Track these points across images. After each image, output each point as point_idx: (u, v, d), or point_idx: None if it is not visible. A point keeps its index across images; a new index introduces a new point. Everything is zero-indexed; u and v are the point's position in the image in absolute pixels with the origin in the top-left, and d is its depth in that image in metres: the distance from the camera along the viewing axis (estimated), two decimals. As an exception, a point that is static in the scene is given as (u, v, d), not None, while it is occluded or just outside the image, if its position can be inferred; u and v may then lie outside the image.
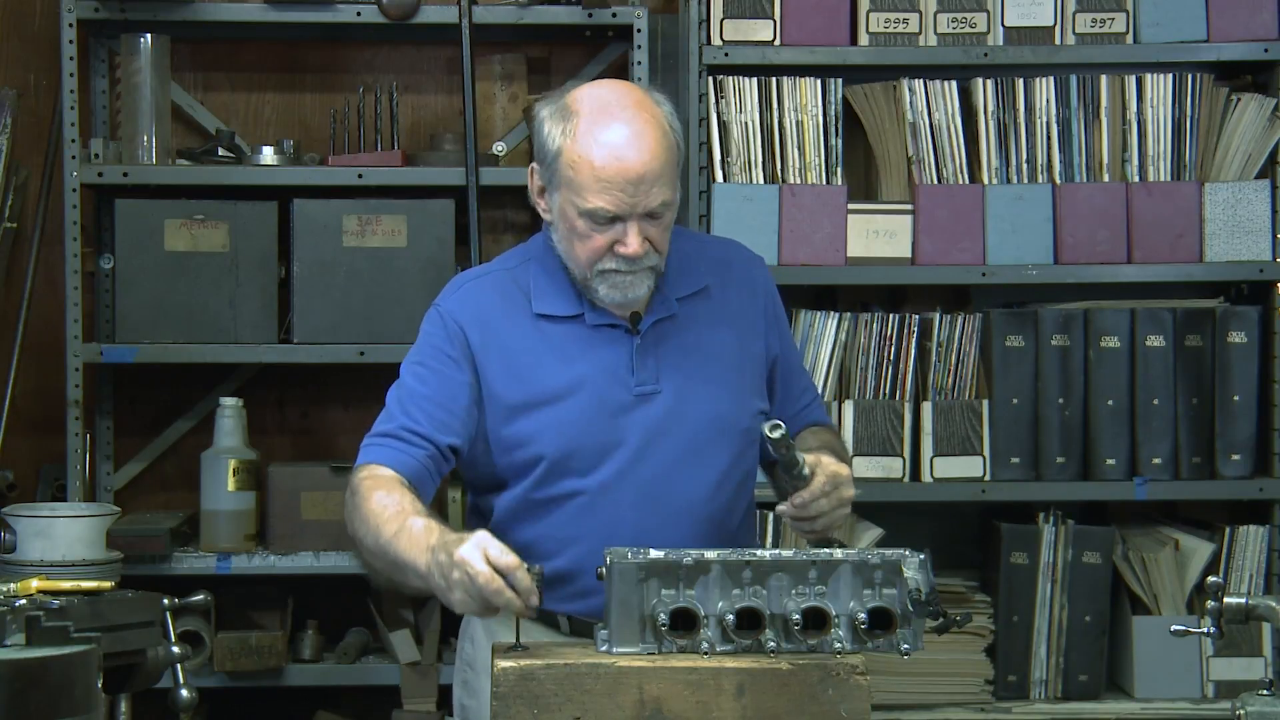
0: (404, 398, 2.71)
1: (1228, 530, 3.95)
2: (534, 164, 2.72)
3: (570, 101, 2.66)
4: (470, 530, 2.81)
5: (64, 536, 3.51)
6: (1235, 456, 3.96)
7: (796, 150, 3.93)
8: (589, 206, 2.61)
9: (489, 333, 2.72)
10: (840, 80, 3.95)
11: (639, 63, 4.06)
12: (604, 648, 2.35)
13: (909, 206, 3.96)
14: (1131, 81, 3.97)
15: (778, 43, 3.95)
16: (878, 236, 3.94)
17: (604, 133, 2.60)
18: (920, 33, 3.97)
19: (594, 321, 2.72)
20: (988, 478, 3.95)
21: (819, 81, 3.93)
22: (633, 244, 2.61)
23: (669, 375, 2.73)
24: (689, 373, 2.74)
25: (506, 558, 2.36)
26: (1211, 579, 2.43)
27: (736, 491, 2.78)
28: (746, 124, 3.92)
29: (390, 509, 2.56)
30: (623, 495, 2.69)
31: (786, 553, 2.37)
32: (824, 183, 3.94)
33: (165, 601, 2.62)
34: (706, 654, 2.34)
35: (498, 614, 2.43)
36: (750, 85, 3.92)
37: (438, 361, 2.71)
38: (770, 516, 3.86)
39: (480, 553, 2.36)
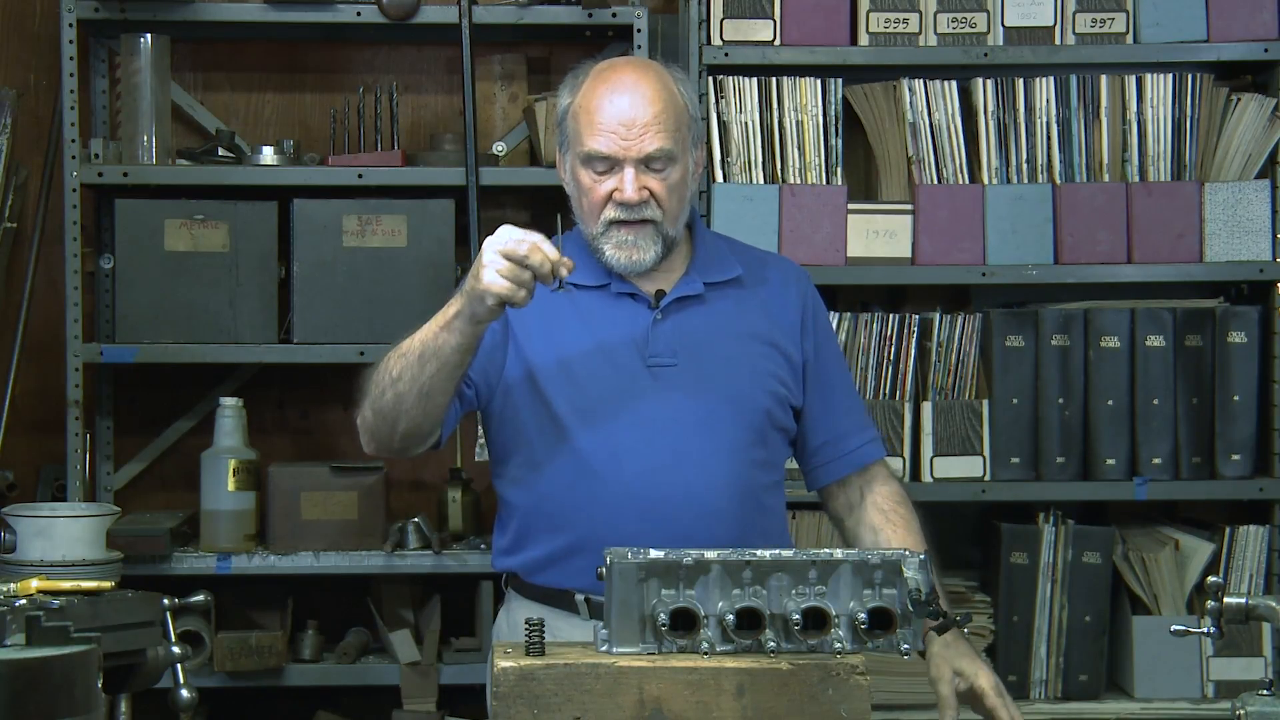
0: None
1: (1228, 530, 3.95)
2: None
3: (584, 69, 2.79)
4: None
5: (64, 536, 3.51)
6: (1235, 456, 3.96)
7: (796, 150, 3.93)
8: (586, 149, 2.70)
9: None
10: (840, 80, 3.95)
11: (639, 63, 4.05)
12: (604, 648, 2.35)
13: (909, 206, 3.95)
14: (1131, 81, 3.97)
15: (778, 43, 3.95)
16: (878, 236, 3.94)
17: (605, 84, 2.73)
18: (920, 33, 3.97)
19: (618, 290, 2.78)
20: (988, 478, 3.95)
21: (819, 81, 3.93)
22: (628, 188, 2.68)
23: (687, 351, 2.76)
24: (708, 350, 2.77)
25: (531, 234, 2.51)
26: (1211, 579, 2.43)
27: (753, 471, 2.78)
28: (746, 124, 3.92)
29: (404, 341, 2.70)
30: (633, 464, 2.71)
31: (786, 553, 2.37)
32: (824, 183, 3.93)
33: (165, 601, 2.62)
34: (706, 654, 2.33)
35: (526, 293, 2.51)
36: (750, 85, 3.92)
37: None
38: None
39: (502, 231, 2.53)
